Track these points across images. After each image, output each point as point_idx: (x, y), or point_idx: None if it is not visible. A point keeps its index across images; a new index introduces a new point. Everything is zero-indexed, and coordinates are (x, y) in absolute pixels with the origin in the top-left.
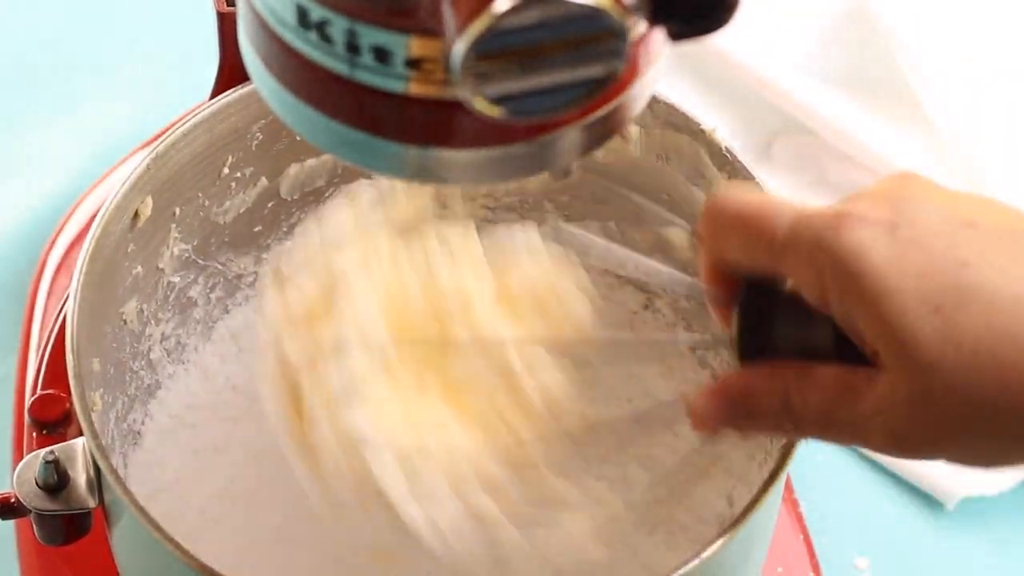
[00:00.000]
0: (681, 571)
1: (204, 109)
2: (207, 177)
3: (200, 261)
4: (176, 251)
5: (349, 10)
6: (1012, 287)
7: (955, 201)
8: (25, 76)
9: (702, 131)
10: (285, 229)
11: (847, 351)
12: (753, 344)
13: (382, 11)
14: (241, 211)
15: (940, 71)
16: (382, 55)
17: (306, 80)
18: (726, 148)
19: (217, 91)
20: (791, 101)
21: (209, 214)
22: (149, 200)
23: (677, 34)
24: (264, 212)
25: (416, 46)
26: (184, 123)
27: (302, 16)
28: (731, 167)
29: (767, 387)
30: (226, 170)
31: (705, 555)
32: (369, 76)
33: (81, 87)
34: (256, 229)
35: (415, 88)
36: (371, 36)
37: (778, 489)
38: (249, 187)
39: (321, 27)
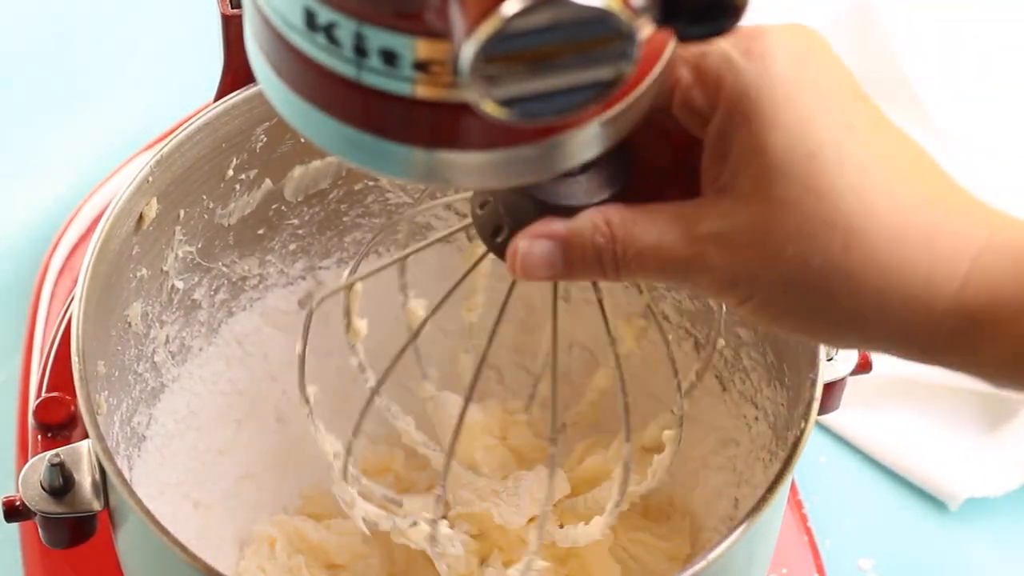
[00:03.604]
0: (688, 572)
1: (209, 111)
2: (211, 179)
3: (204, 263)
4: (180, 253)
5: (357, 12)
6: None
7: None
8: (27, 78)
9: None
10: (288, 232)
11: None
12: None
13: (390, 13)
14: (245, 213)
15: (941, 71)
16: (389, 57)
17: (313, 83)
18: None
19: (221, 93)
20: None
21: (213, 216)
22: (154, 202)
23: (685, 36)
24: (268, 214)
25: (423, 48)
26: (189, 125)
27: (310, 19)
28: None
29: (590, 223)
30: (230, 172)
31: (711, 556)
32: (376, 79)
33: (84, 89)
34: (260, 231)
35: (422, 91)
36: (379, 39)
37: (783, 491)
38: (253, 189)
39: (329, 30)
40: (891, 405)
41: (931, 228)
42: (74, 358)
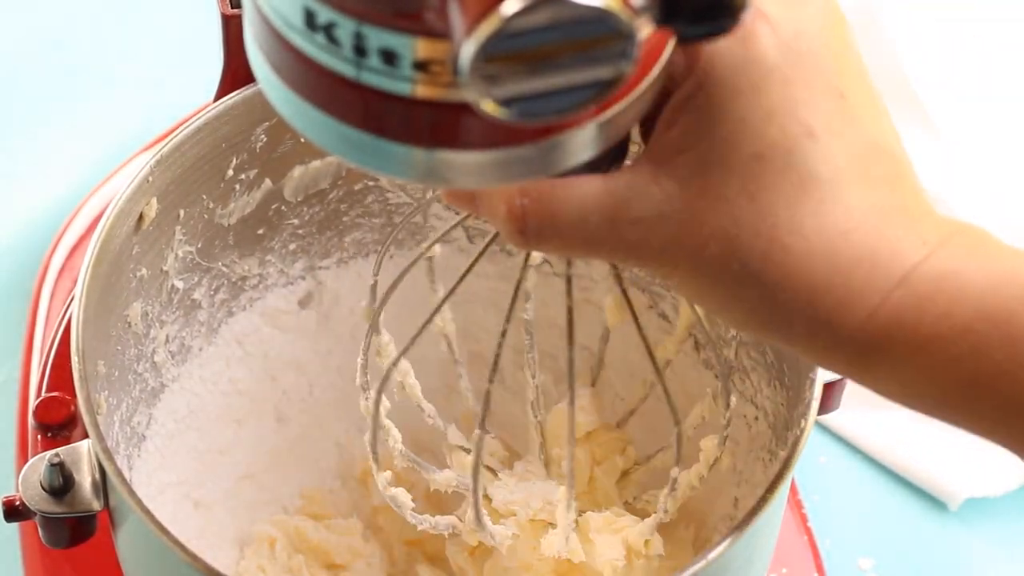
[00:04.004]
0: (687, 572)
1: (208, 111)
2: (211, 179)
3: (204, 263)
4: (180, 253)
5: (357, 12)
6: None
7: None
8: (27, 78)
9: None
10: (288, 232)
11: None
12: None
13: (389, 13)
14: (245, 213)
15: (941, 71)
16: (389, 57)
17: (313, 83)
18: None
19: (221, 93)
20: None
21: (213, 216)
22: (154, 202)
23: (685, 36)
24: (268, 214)
25: (423, 48)
26: (189, 125)
27: (309, 18)
28: None
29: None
30: (230, 172)
31: (711, 556)
32: (376, 78)
33: (83, 89)
34: (260, 231)
35: (422, 90)
36: (378, 38)
37: (783, 491)
38: (253, 189)
39: (328, 29)
40: (891, 405)
41: (856, 254)
42: (74, 358)
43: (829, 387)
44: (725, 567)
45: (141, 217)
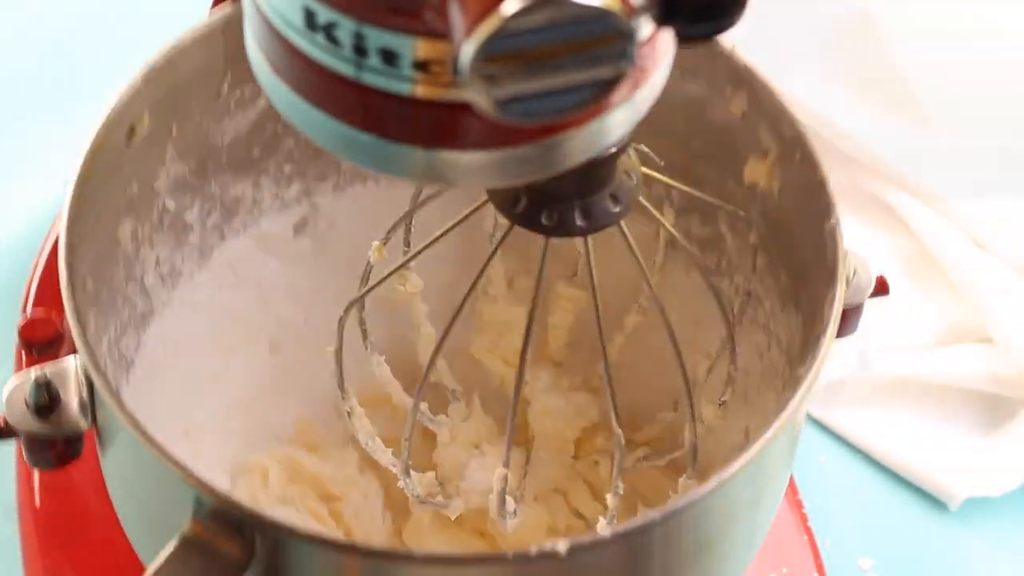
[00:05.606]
0: (695, 495)
1: (205, 22)
2: (206, 95)
3: (196, 183)
4: (172, 171)
5: (357, 12)
6: None
7: None
8: (27, 78)
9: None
10: (284, 153)
11: None
12: None
13: (389, 13)
14: (240, 132)
15: (940, 72)
16: (389, 57)
17: (313, 82)
18: (745, 66)
19: (218, 1)
20: (793, 102)
21: (207, 134)
22: (146, 116)
23: (685, 35)
24: (264, 135)
25: (423, 48)
26: (183, 36)
27: (309, 18)
28: (750, 86)
29: None
30: (225, 88)
31: (723, 476)
32: (376, 78)
33: (83, 89)
34: (255, 152)
35: (422, 90)
36: (378, 38)
37: (798, 417)
38: (249, 107)
39: (328, 29)
40: (891, 405)
41: None
42: (61, 263)
43: (847, 312)
44: (735, 500)
45: (132, 130)
